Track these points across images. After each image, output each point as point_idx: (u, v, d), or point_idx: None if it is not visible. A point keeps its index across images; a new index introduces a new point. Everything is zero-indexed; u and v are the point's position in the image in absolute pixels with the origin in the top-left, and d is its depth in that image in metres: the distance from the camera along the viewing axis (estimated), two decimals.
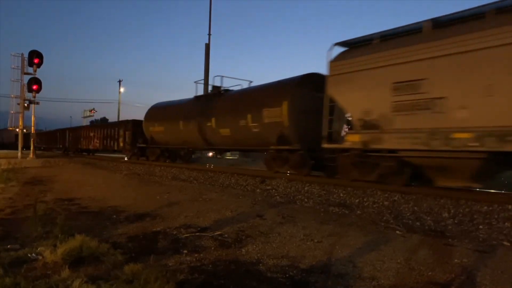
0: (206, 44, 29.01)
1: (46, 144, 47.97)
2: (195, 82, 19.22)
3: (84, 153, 34.42)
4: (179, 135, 18.50)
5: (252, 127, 13.63)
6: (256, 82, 16.93)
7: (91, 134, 30.82)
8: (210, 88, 17.37)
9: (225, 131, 15.15)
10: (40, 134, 53.43)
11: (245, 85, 16.70)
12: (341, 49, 10.70)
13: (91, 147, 31.00)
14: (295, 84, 12.71)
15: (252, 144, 14.41)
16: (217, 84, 17.60)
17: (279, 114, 12.42)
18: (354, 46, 10.39)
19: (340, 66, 10.17)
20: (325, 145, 10.56)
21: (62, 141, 39.90)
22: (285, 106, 12.27)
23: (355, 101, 9.78)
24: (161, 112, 20.81)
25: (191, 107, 17.99)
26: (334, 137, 10.59)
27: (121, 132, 24.75)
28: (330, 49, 10.56)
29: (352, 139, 9.80)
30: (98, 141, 29.13)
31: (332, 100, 10.39)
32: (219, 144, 16.32)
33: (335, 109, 10.48)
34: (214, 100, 16.45)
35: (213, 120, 15.71)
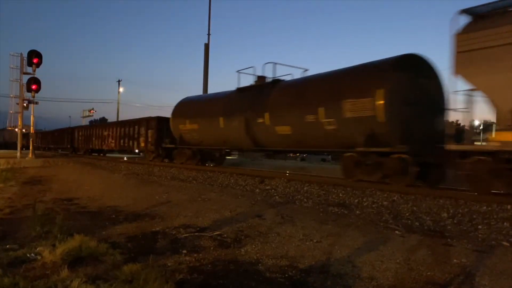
0: (205, 44, 29.05)
1: (52, 144, 45.47)
2: (237, 71, 15.22)
3: (94, 154, 32.33)
4: (218, 134, 15.66)
5: (325, 124, 10.84)
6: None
7: (105, 133, 28.03)
8: (254, 78, 14.79)
9: (284, 129, 12.36)
10: (44, 133, 51.10)
11: (296, 74, 13.92)
12: (467, 19, 8.34)
13: (104, 147, 28.53)
14: (393, 66, 9.89)
15: (324, 145, 11.55)
16: (269, 73, 14.52)
17: (370, 106, 9.65)
18: (490, 13, 8.01)
19: (474, 40, 7.83)
20: (453, 147, 8.11)
21: (70, 141, 37.27)
22: (380, 95, 9.42)
23: (505, 85, 7.31)
24: (194, 107, 17.92)
25: (234, 101, 15.17)
26: (466, 135, 8.32)
27: (143, 131, 21.86)
28: (455, 18, 8.25)
29: (503, 138, 7.32)
30: (113, 141, 26.39)
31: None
32: (273, 144, 13.46)
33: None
34: (267, 92, 13.55)
35: (266, 115, 12.91)
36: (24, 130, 26.09)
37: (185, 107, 18.46)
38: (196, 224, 5.46)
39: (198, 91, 38.35)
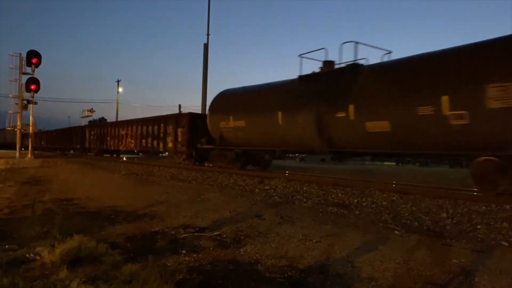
0: (204, 44, 29.02)
1: (58, 145, 42.67)
2: (299, 55, 12.39)
3: (106, 155, 30.03)
4: (274, 133, 12.86)
5: (450, 118, 8.22)
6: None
7: (123, 132, 25.14)
8: (320, 64, 12.07)
9: (378, 126, 9.63)
10: (49, 133, 49.23)
11: (371, 57, 11.73)
12: None
13: (122, 148, 25.79)
14: None
15: (445, 145, 8.68)
16: (349, 55, 11.56)
17: None
18: None
19: None
20: None
21: (80, 141, 34.55)
22: None
23: None
24: (239, 101, 15.08)
25: (297, 91, 12.36)
26: None
27: (170, 129, 19.20)
28: None
29: None
30: (133, 141, 23.63)
31: None
32: (359, 145, 10.53)
33: None
34: (349, 78, 10.77)
35: (350, 108, 10.23)
36: (24, 130, 26.06)
37: (227, 101, 15.52)
38: (195, 224, 5.46)
39: (198, 91, 38.20)
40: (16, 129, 24.31)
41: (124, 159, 26.25)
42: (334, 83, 11.22)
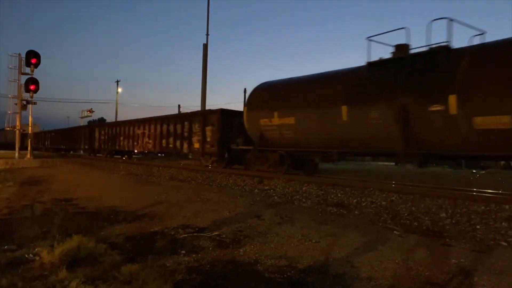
0: (204, 44, 29.01)
1: (64, 145, 39.60)
2: (367, 38, 10.42)
3: (117, 156, 27.57)
4: (336, 131, 10.81)
5: None
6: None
7: (139, 132, 22.75)
8: (391, 49, 10.18)
9: (494, 121, 7.68)
10: (53, 133, 46.96)
11: (459, 40, 9.63)
12: None
13: (137, 149, 23.48)
14: None
15: None
16: (440, 36, 9.23)
17: None
18: None
19: None
20: None
21: (88, 141, 32.01)
22: None
23: None
24: (285, 93, 12.94)
25: (367, 81, 10.39)
26: None
27: (197, 128, 17.09)
28: None
29: None
30: (151, 141, 21.33)
31: None
32: (461, 146, 8.51)
33: None
34: (447, 63, 8.74)
35: (451, 100, 8.20)
36: (23, 131, 26.02)
37: (270, 95, 13.48)
38: (195, 225, 5.46)
39: (197, 91, 38.10)
40: (15, 130, 24.28)
41: (124, 159, 26.22)
42: (423, 69, 9.17)
